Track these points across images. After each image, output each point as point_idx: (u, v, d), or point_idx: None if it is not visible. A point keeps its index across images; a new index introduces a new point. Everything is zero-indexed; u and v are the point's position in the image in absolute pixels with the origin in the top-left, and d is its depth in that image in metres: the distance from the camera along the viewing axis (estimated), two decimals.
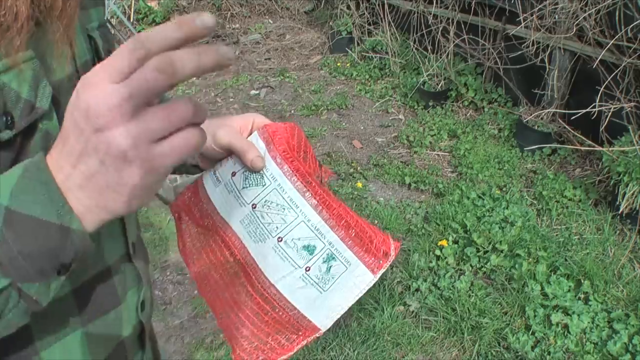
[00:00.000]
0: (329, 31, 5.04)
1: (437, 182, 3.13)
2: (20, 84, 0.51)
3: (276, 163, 0.69)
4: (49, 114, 0.55)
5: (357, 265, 0.70)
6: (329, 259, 0.70)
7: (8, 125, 0.50)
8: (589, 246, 2.56)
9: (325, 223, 0.70)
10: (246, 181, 0.70)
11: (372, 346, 2.19)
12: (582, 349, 2.07)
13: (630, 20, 2.63)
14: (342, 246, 0.70)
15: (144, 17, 5.71)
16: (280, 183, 0.69)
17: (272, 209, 0.69)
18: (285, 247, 0.69)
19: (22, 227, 0.44)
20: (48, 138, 0.55)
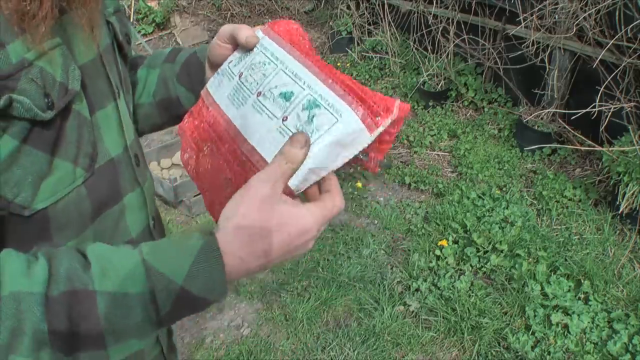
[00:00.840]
0: (329, 31, 5.04)
1: (437, 182, 3.13)
2: (54, 68, 0.56)
3: (269, 36, 0.69)
4: (79, 95, 0.60)
5: (349, 115, 0.57)
6: (311, 106, 0.59)
7: (49, 106, 0.55)
8: (589, 246, 2.56)
9: (305, 69, 0.62)
10: (239, 60, 0.70)
11: (372, 346, 2.19)
12: (582, 349, 2.07)
13: (630, 20, 2.63)
14: (326, 91, 0.60)
15: (144, 17, 5.71)
16: (267, 46, 0.68)
17: (255, 69, 0.66)
18: (263, 100, 0.64)
19: (189, 302, 0.53)
20: (80, 119, 0.60)
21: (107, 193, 0.66)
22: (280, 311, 2.38)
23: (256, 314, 2.40)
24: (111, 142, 0.67)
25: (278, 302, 2.44)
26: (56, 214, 0.59)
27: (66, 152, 0.58)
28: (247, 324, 2.36)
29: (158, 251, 0.54)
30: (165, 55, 0.87)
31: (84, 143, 0.61)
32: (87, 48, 0.63)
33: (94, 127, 0.63)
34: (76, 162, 0.60)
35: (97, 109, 0.64)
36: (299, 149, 0.56)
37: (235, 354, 2.19)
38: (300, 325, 2.30)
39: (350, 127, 0.57)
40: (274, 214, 0.55)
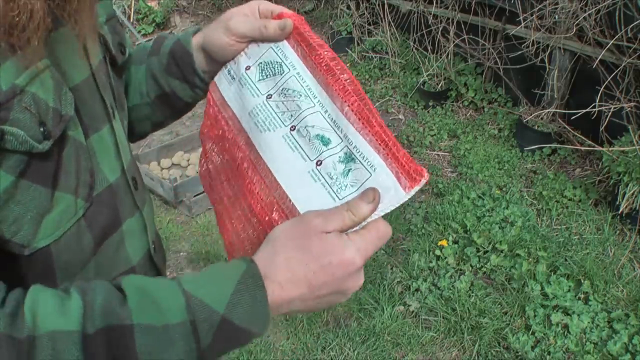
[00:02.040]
0: (329, 31, 5.04)
1: (437, 182, 3.13)
2: (46, 92, 0.51)
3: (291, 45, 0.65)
4: (74, 121, 0.55)
5: (385, 174, 0.57)
6: (347, 159, 0.58)
7: (45, 136, 0.50)
8: (589, 246, 2.56)
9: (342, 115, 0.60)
10: (263, 73, 0.66)
11: (372, 346, 2.19)
12: (582, 349, 2.07)
13: (630, 20, 2.63)
14: (364, 144, 0.58)
15: (144, 17, 5.71)
16: (300, 72, 0.64)
17: (289, 97, 0.63)
18: (297, 136, 0.61)
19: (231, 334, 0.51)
20: (77, 146, 0.55)
21: (107, 222, 0.62)
22: None
23: None
24: (108, 167, 0.63)
25: None
26: (59, 250, 0.55)
27: (67, 183, 0.54)
28: None
29: (198, 279, 0.52)
30: (150, 48, 0.81)
31: (82, 171, 0.57)
32: (79, 68, 0.58)
33: (89, 152, 0.59)
34: (77, 193, 0.56)
35: (92, 133, 0.60)
36: (366, 204, 0.55)
37: (235, 354, 2.19)
38: (300, 325, 2.30)
39: (383, 181, 0.57)
40: (316, 242, 0.54)
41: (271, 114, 0.64)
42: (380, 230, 0.56)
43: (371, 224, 0.56)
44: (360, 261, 0.54)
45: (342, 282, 0.54)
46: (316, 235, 0.54)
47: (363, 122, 0.59)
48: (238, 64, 0.68)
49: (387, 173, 0.57)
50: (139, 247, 0.69)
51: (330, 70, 0.62)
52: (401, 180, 0.56)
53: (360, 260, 0.54)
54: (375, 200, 0.55)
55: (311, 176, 0.59)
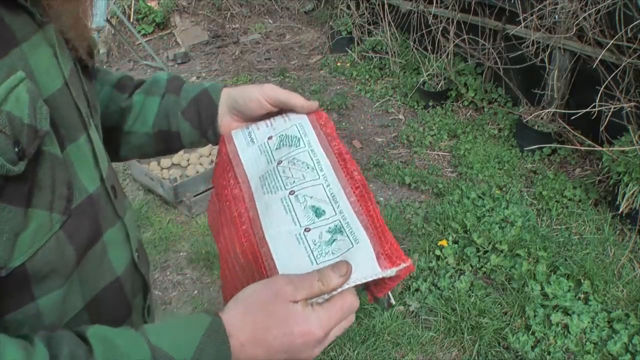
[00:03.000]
0: (329, 31, 5.04)
1: (437, 182, 3.13)
2: (21, 109, 0.49)
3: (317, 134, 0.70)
4: (49, 135, 0.54)
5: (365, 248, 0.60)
6: (336, 231, 0.63)
7: (20, 157, 0.48)
8: (589, 246, 2.56)
9: (344, 192, 0.66)
10: (281, 142, 0.70)
11: (372, 346, 2.19)
12: (582, 349, 2.07)
13: (630, 20, 2.63)
14: (354, 220, 0.63)
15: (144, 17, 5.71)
16: (314, 149, 0.69)
17: (297, 166, 0.68)
18: (294, 201, 0.65)
19: None
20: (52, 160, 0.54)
21: (88, 233, 0.61)
22: None
23: None
24: (87, 177, 0.61)
25: None
26: (35, 266, 0.53)
27: (41, 199, 0.52)
28: None
29: (163, 331, 0.54)
30: (165, 85, 0.83)
31: (58, 185, 0.55)
32: (52, 77, 0.56)
33: (67, 164, 0.57)
34: (52, 208, 0.54)
35: (68, 144, 0.58)
36: (337, 276, 0.57)
37: None
38: None
39: (362, 254, 0.60)
40: (283, 309, 0.56)
41: (277, 177, 0.68)
42: (345, 302, 0.58)
43: (337, 297, 0.58)
44: (320, 333, 0.57)
45: (299, 352, 0.57)
46: (284, 303, 0.56)
47: (361, 205, 0.64)
48: (261, 131, 0.73)
49: (368, 248, 0.60)
50: (123, 256, 0.69)
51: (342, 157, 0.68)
52: (380, 259, 0.60)
53: (321, 332, 0.57)
54: (346, 274, 0.57)
55: (297, 239, 0.63)
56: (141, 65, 5.33)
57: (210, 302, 2.48)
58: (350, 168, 0.68)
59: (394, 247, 0.61)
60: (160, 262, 2.73)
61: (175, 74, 0.87)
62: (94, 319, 0.62)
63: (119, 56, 5.51)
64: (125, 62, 5.42)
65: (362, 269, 0.59)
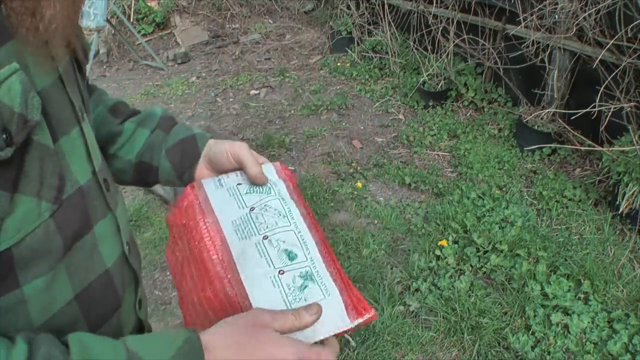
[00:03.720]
0: (329, 31, 5.04)
1: (437, 182, 3.13)
2: (12, 98, 0.51)
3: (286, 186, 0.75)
4: (40, 125, 0.55)
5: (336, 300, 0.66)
6: (307, 277, 0.67)
7: (7, 143, 0.50)
8: (589, 246, 2.56)
9: (313, 241, 0.70)
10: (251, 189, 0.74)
11: (372, 346, 2.19)
12: (582, 349, 2.07)
13: (630, 20, 2.63)
14: (324, 270, 0.68)
15: (144, 17, 5.71)
16: (285, 198, 0.73)
17: (269, 212, 0.71)
18: (268, 245, 0.68)
19: None
20: (42, 150, 0.55)
21: (79, 224, 0.62)
22: None
23: None
24: (78, 169, 0.63)
25: None
26: (21, 252, 0.55)
27: (28, 186, 0.54)
28: None
29: (142, 342, 0.56)
30: (157, 121, 0.87)
31: (47, 175, 0.56)
32: (46, 71, 0.58)
33: (58, 155, 0.59)
34: (40, 196, 0.55)
35: (61, 136, 0.60)
36: (310, 315, 0.62)
37: None
38: None
39: (333, 307, 0.65)
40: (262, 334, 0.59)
41: (250, 224, 0.71)
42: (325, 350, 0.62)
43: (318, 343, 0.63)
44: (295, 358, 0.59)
45: None
46: (264, 329, 0.59)
47: (328, 255, 0.70)
48: (230, 178, 0.76)
49: (338, 301, 0.66)
50: (113, 249, 0.69)
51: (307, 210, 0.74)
52: (349, 310, 0.65)
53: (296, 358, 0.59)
54: (317, 313, 0.62)
55: (272, 281, 0.66)
56: (141, 65, 5.33)
57: None
58: (314, 222, 0.73)
59: (358, 298, 0.67)
60: (160, 262, 2.73)
61: (171, 114, 0.90)
62: (84, 310, 0.63)
63: (119, 56, 5.51)
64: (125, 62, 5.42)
65: (334, 321, 0.64)
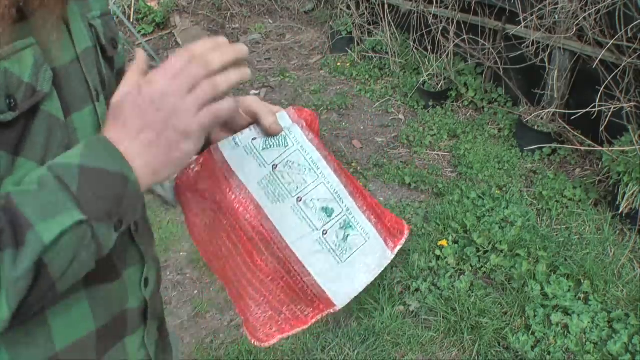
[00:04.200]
0: (329, 31, 5.04)
1: (437, 182, 3.13)
2: (22, 69, 0.56)
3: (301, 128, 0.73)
4: (50, 96, 0.59)
5: (375, 240, 0.71)
6: (347, 226, 0.70)
7: (11, 107, 0.55)
8: (589, 246, 2.56)
9: (344, 188, 0.71)
10: (267, 143, 0.72)
11: (371, 346, 2.19)
12: (582, 349, 2.07)
13: (630, 20, 2.63)
14: (360, 214, 0.71)
15: (144, 17, 5.71)
16: (303, 145, 0.71)
17: (294, 169, 0.70)
18: (304, 208, 0.69)
19: (95, 177, 0.55)
20: (50, 119, 0.60)
21: None
22: None
23: None
24: None
25: None
26: None
27: (31, 152, 0.58)
28: None
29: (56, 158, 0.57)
30: None
31: (54, 145, 0.60)
32: (64, 50, 0.62)
33: (68, 129, 0.62)
34: (44, 163, 0.58)
35: (73, 112, 0.64)
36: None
37: (235, 354, 2.19)
38: None
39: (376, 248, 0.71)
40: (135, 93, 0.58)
41: (278, 184, 0.70)
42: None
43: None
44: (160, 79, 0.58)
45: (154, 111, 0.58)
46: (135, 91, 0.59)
47: (357, 192, 0.72)
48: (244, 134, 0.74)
49: (377, 240, 0.71)
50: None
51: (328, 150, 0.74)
52: (388, 243, 0.72)
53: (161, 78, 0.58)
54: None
55: (319, 244, 0.69)
56: None
57: (210, 302, 2.48)
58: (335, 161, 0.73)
59: (393, 221, 0.73)
60: (160, 262, 2.73)
61: None
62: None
63: None
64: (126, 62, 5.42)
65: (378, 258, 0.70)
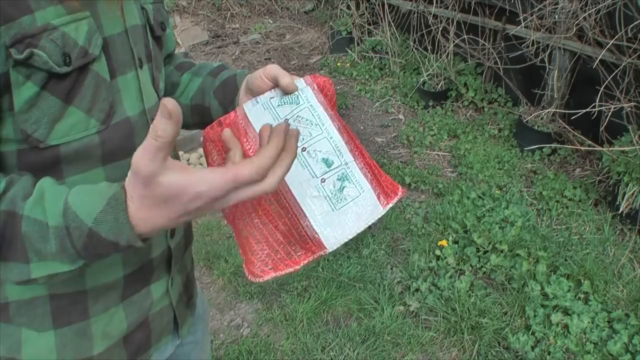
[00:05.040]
0: (329, 31, 5.04)
1: (437, 182, 3.13)
2: (78, 34, 0.67)
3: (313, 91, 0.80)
4: (99, 59, 0.70)
5: (369, 194, 0.77)
6: (343, 179, 0.77)
7: (66, 63, 0.66)
8: (589, 246, 2.55)
9: (345, 144, 0.78)
10: (282, 100, 0.80)
11: (371, 346, 2.19)
12: (582, 349, 2.07)
13: (630, 20, 2.63)
14: (357, 170, 0.77)
15: None
16: (312, 104, 0.79)
17: (302, 124, 0.78)
18: (307, 156, 0.77)
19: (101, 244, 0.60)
20: (97, 78, 0.71)
21: (120, 145, 0.75)
22: (280, 311, 2.38)
23: (256, 314, 2.40)
24: (129, 104, 0.76)
25: (278, 302, 2.44)
26: (67, 152, 0.70)
27: (80, 102, 0.69)
28: (246, 324, 2.36)
29: (79, 193, 0.62)
30: (211, 69, 1.00)
31: (100, 99, 0.71)
32: (114, 23, 0.74)
33: (113, 89, 0.73)
34: (90, 113, 0.70)
35: (118, 75, 0.74)
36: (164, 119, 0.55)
37: (235, 354, 2.19)
38: (300, 325, 2.30)
39: (368, 201, 0.77)
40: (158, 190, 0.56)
41: None
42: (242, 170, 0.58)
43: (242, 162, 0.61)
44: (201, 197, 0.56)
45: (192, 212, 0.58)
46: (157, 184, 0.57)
47: (357, 151, 0.78)
48: (265, 95, 0.83)
49: (371, 194, 0.77)
50: None
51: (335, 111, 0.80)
52: (380, 199, 0.78)
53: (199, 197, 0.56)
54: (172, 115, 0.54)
55: (317, 189, 0.76)
56: None
57: (210, 302, 2.48)
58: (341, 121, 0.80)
59: (388, 182, 0.80)
60: None
61: (225, 64, 1.04)
62: None
63: None
64: None
65: (370, 211, 0.76)
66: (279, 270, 0.80)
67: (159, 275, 0.85)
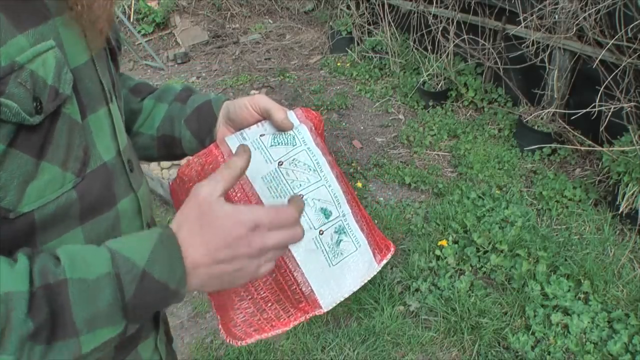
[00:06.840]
0: (329, 31, 5.04)
1: (437, 182, 3.13)
2: (46, 71, 0.55)
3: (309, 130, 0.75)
4: (70, 99, 0.59)
5: (365, 249, 0.73)
6: (340, 231, 0.72)
7: (37, 110, 0.54)
8: (589, 246, 2.55)
9: (342, 194, 0.73)
10: (275, 140, 0.73)
11: (371, 346, 2.19)
12: (582, 349, 2.07)
13: (630, 20, 2.63)
14: (354, 222, 0.73)
15: (144, 17, 5.71)
16: (310, 147, 0.73)
17: (299, 168, 0.72)
18: (305, 206, 0.70)
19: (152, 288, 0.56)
20: (71, 123, 0.60)
21: (100, 198, 0.65)
22: None
23: None
24: (103, 147, 0.66)
25: None
26: (43, 217, 0.59)
27: (54, 155, 0.58)
28: None
29: (122, 240, 0.58)
30: (177, 93, 0.89)
31: (74, 147, 0.60)
32: (80, 52, 0.62)
33: (85, 131, 0.62)
34: (65, 167, 0.59)
35: (89, 113, 0.64)
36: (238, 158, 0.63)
37: (235, 354, 2.19)
38: (300, 325, 2.30)
39: (365, 257, 0.73)
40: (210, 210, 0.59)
41: (282, 181, 0.71)
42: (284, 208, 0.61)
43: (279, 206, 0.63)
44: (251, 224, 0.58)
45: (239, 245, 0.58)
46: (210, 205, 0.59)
47: (353, 201, 0.74)
48: (252, 130, 0.76)
49: (367, 250, 0.74)
50: (134, 228, 0.72)
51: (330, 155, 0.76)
52: (376, 256, 0.74)
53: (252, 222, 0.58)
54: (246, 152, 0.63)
55: (314, 242, 0.70)
56: (141, 65, 5.33)
57: (210, 302, 2.48)
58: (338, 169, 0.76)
59: (380, 237, 0.76)
60: None
61: (189, 85, 0.93)
62: None
63: None
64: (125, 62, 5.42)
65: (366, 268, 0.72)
66: (264, 332, 0.73)
67: (147, 334, 0.78)
